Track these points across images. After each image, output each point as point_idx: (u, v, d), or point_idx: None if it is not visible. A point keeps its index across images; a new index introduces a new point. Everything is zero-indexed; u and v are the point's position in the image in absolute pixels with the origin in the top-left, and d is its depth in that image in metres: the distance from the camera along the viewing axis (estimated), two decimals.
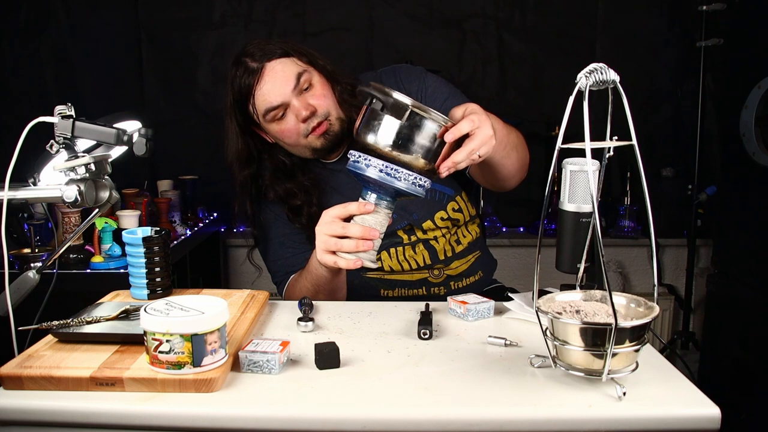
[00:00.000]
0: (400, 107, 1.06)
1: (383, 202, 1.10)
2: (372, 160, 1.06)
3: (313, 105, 1.28)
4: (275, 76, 1.26)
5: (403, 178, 1.06)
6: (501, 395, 0.82)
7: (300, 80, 1.27)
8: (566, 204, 0.96)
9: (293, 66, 1.28)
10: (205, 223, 2.48)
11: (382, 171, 1.05)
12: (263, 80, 1.27)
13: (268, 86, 1.26)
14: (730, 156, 2.15)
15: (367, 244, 1.09)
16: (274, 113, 1.28)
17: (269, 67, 1.27)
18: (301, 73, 1.28)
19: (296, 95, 1.27)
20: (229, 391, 0.83)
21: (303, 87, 1.28)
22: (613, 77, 0.78)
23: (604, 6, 2.66)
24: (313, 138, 1.31)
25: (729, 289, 2.16)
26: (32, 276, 1.04)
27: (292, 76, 1.27)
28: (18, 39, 2.47)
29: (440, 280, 1.43)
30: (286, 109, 1.28)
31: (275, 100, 1.27)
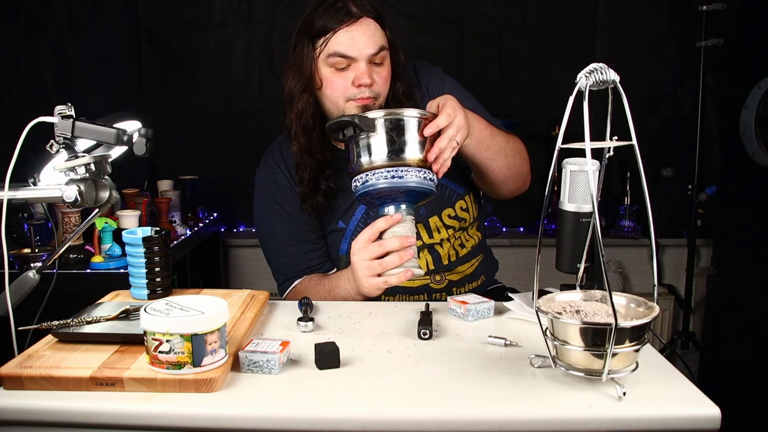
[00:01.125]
0: (369, 122, 1.11)
1: (403, 208, 1.14)
2: (375, 173, 1.10)
3: (374, 80, 1.28)
4: (365, 33, 1.25)
5: (411, 175, 1.10)
6: (501, 395, 0.82)
7: (379, 52, 1.27)
8: (566, 204, 0.96)
9: (382, 37, 1.29)
10: (205, 223, 2.49)
11: (390, 177, 1.10)
12: (353, 28, 1.25)
13: (354, 36, 1.25)
14: (730, 156, 2.15)
15: (408, 252, 1.12)
16: (339, 60, 1.26)
17: (365, 23, 1.26)
18: (384, 47, 1.28)
19: (368, 61, 1.27)
20: (229, 391, 0.83)
21: (376, 60, 1.28)
22: (613, 77, 0.78)
23: (604, 6, 2.66)
24: (352, 105, 1.28)
25: (729, 289, 2.16)
26: (32, 276, 1.04)
27: (376, 44, 1.27)
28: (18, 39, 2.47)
29: (442, 286, 1.42)
30: (351, 65, 1.27)
31: (351, 52, 1.25)
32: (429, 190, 1.13)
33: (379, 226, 1.14)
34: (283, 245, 1.42)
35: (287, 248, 1.42)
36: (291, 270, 1.42)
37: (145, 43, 2.66)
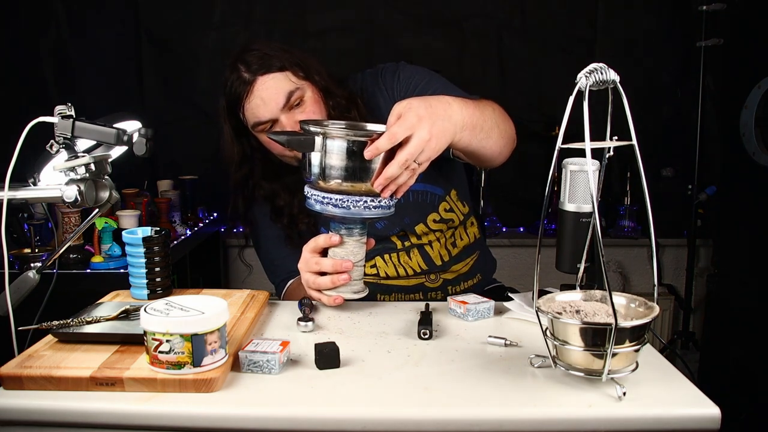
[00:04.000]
0: (308, 142, 1.01)
1: (352, 230, 1.10)
2: (327, 197, 1.04)
3: None
4: (266, 92, 1.26)
5: (361, 206, 1.04)
6: (501, 395, 0.82)
7: (291, 98, 1.27)
8: (566, 204, 0.96)
9: (286, 83, 1.27)
10: (205, 223, 2.48)
11: (340, 206, 1.03)
12: (253, 94, 1.26)
13: (257, 101, 1.26)
14: (730, 156, 2.15)
15: (341, 277, 1.10)
16: (263, 127, 1.29)
17: (260, 82, 1.26)
18: (292, 91, 1.27)
19: (285, 112, 1.27)
20: (229, 391, 0.83)
21: (293, 104, 1.28)
22: (613, 77, 0.78)
23: (604, 6, 2.65)
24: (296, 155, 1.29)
25: (729, 289, 2.16)
26: (32, 276, 1.04)
27: (282, 94, 1.26)
28: (18, 39, 2.47)
29: (437, 285, 1.42)
30: (274, 123, 1.28)
31: (263, 116, 1.27)
32: (383, 215, 1.07)
33: (320, 242, 1.12)
34: (276, 247, 1.44)
35: (280, 250, 1.43)
36: (284, 271, 1.43)
37: (145, 43, 2.66)
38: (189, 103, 2.69)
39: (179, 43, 2.66)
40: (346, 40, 2.65)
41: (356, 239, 1.11)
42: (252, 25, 2.65)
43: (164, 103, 2.69)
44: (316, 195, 1.05)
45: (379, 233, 1.38)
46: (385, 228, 1.38)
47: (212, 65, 2.67)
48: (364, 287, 1.15)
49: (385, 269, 1.41)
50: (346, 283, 1.11)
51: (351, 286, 1.12)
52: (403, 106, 0.98)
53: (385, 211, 1.06)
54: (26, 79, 2.52)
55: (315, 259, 1.12)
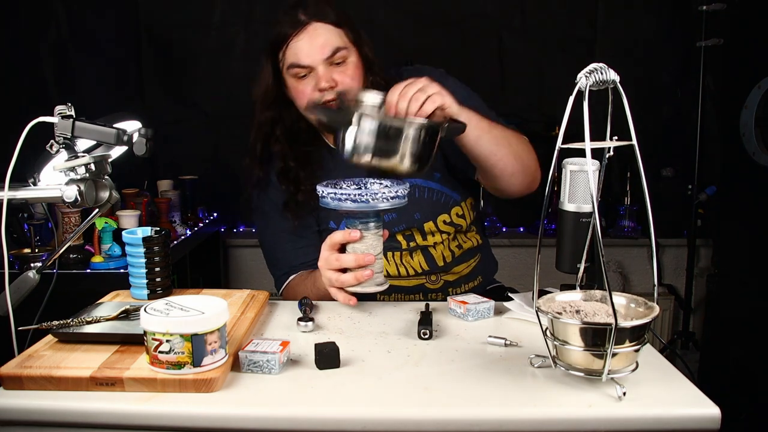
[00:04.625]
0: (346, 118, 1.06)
1: (369, 224, 1.11)
2: (342, 193, 1.06)
3: (337, 80, 1.28)
4: (315, 38, 1.26)
5: (380, 197, 1.06)
6: (501, 395, 0.82)
7: (336, 53, 1.27)
8: (566, 204, 0.96)
9: (336, 37, 1.28)
10: (205, 223, 2.48)
11: (356, 200, 1.06)
12: (302, 36, 1.27)
13: (304, 44, 1.27)
14: (730, 156, 2.15)
15: (365, 273, 1.10)
16: (298, 71, 1.29)
17: (313, 27, 1.27)
18: (340, 47, 1.28)
19: (325, 65, 1.27)
20: (229, 391, 0.83)
21: (336, 60, 1.28)
22: (613, 77, 0.78)
23: (604, 6, 2.65)
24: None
25: (729, 289, 2.16)
26: (32, 276, 1.04)
27: (330, 46, 1.27)
28: (18, 39, 2.47)
29: (438, 286, 1.42)
30: (311, 72, 1.28)
31: (304, 60, 1.27)
32: (397, 205, 1.09)
33: (337, 239, 1.12)
34: (279, 241, 1.43)
35: (282, 244, 1.42)
36: (285, 266, 1.42)
37: (145, 43, 2.66)
38: (189, 103, 2.69)
39: (179, 43, 2.66)
40: None
41: (374, 232, 1.11)
42: (252, 25, 2.65)
43: (164, 103, 2.69)
44: (331, 193, 1.07)
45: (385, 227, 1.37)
46: (392, 222, 1.38)
47: (212, 65, 2.67)
48: (385, 279, 1.15)
49: (387, 268, 1.41)
50: (368, 277, 1.10)
51: (373, 278, 1.11)
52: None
53: (401, 201, 1.08)
54: (26, 79, 2.51)
55: (335, 256, 1.11)
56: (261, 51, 1.36)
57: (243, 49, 2.66)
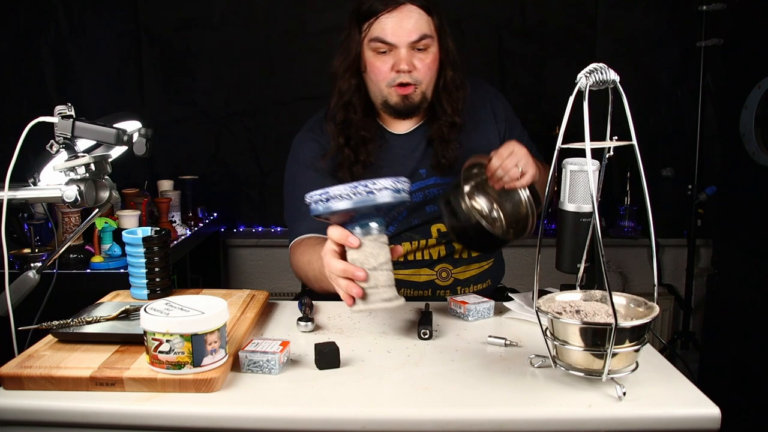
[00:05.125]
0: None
1: (367, 227, 0.94)
2: (333, 190, 0.91)
3: (415, 66, 1.29)
4: (405, 20, 1.27)
5: (379, 188, 0.90)
6: (501, 395, 0.82)
7: (421, 40, 1.28)
8: (566, 204, 0.96)
9: (425, 24, 1.29)
10: (205, 223, 2.48)
11: (353, 195, 0.90)
12: (394, 15, 1.27)
13: (394, 22, 1.27)
14: (730, 156, 2.15)
15: (352, 289, 0.94)
16: (380, 46, 1.29)
17: (408, 9, 1.27)
18: (427, 35, 1.29)
19: (409, 48, 1.28)
20: (229, 391, 0.83)
21: (419, 46, 1.29)
22: (613, 77, 0.78)
23: (604, 6, 2.65)
24: (394, 92, 1.32)
25: (729, 289, 2.16)
26: (32, 276, 1.04)
27: (418, 30, 1.27)
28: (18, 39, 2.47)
29: (448, 283, 1.42)
30: (392, 50, 1.29)
31: (390, 37, 1.28)
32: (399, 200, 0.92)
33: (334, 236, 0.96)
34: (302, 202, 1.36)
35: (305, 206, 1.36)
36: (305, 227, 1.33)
37: (145, 43, 2.66)
38: (189, 103, 2.70)
39: (179, 43, 2.66)
40: None
41: (373, 237, 0.94)
42: (252, 25, 2.65)
43: (164, 103, 2.69)
44: (316, 195, 0.92)
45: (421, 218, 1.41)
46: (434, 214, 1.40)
47: (212, 65, 2.67)
48: (396, 295, 0.96)
49: (408, 248, 1.40)
50: (360, 294, 0.94)
51: (379, 293, 0.93)
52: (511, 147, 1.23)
53: (399, 195, 0.92)
54: (26, 79, 2.51)
55: (333, 260, 0.96)
56: (348, 18, 1.36)
57: (243, 49, 2.66)
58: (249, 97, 2.70)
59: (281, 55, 2.67)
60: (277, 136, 2.70)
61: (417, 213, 1.40)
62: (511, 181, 1.24)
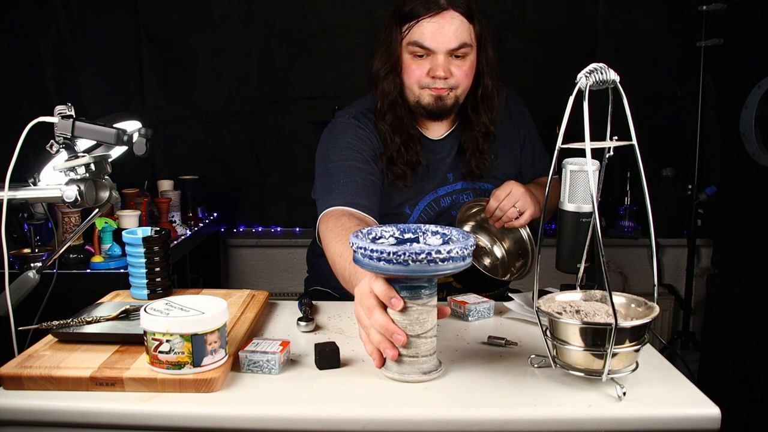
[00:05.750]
0: None
1: (418, 291, 0.84)
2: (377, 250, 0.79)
3: (451, 72, 1.29)
4: (447, 26, 1.26)
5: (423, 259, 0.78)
6: (501, 395, 0.82)
7: (461, 47, 1.28)
8: (566, 204, 0.96)
9: (466, 33, 1.28)
10: (205, 223, 2.48)
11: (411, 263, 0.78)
12: (435, 21, 1.26)
13: (435, 27, 1.26)
14: (730, 156, 2.15)
15: (388, 351, 0.84)
16: (418, 50, 1.28)
17: (451, 15, 1.26)
18: (466, 43, 1.28)
19: (447, 54, 1.28)
20: (229, 391, 0.83)
21: (458, 54, 1.29)
22: (613, 77, 0.78)
23: (604, 6, 2.65)
24: (426, 93, 1.31)
25: (729, 289, 2.16)
26: (32, 276, 1.04)
27: (459, 38, 1.27)
28: (18, 39, 2.47)
29: (461, 287, 1.42)
30: (429, 55, 1.28)
31: (430, 43, 1.27)
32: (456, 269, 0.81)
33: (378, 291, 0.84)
34: (350, 172, 1.30)
35: (353, 176, 1.29)
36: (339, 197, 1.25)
37: (145, 43, 2.66)
38: (189, 103, 2.70)
39: (179, 43, 2.66)
40: (346, 40, 2.65)
41: (422, 302, 0.84)
42: (252, 25, 2.65)
43: (164, 103, 2.69)
44: (363, 249, 0.81)
45: None
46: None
47: (212, 65, 2.67)
48: (437, 366, 0.88)
49: None
50: (394, 358, 0.85)
51: (418, 364, 0.85)
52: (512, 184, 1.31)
53: (463, 263, 0.82)
54: (26, 79, 2.52)
55: (371, 305, 0.85)
56: (388, 17, 1.36)
57: (243, 49, 2.66)
58: (249, 97, 2.70)
59: (281, 55, 2.67)
60: (277, 136, 2.71)
61: (443, 217, 1.41)
62: (509, 221, 1.31)
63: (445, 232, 0.90)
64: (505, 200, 1.29)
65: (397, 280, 0.84)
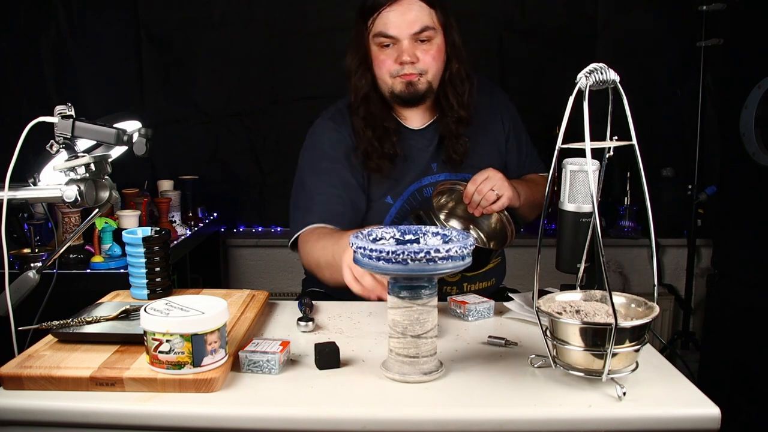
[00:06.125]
0: None
1: (418, 291, 0.85)
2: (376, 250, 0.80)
3: (418, 57, 1.32)
4: (406, 13, 1.30)
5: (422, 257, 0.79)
6: (501, 395, 0.82)
7: (423, 32, 1.31)
8: (566, 204, 0.96)
9: (427, 16, 1.32)
10: (205, 223, 2.48)
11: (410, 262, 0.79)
12: (394, 7, 1.30)
13: (395, 15, 1.30)
14: (730, 156, 2.15)
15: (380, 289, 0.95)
16: (383, 40, 1.32)
17: (408, 2, 1.30)
18: (429, 26, 1.32)
19: (411, 40, 1.31)
20: (229, 391, 0.83)
21: (421, 38, 1.32)
22: (613, 77, 0.79)
23: (604, 6, 2.65)
24: (398, 81, 1.34)
25: (729, 289, 2.16)
26: (32, 276, 1.04)
27: (419, 23, 1.31)
28: (18, 39, 2.47)
29: (455, 280, 1.43)
30: (395, 44, 1.32)
31: (392, 31, 1.31)
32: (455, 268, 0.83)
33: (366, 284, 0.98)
34: (327, 183, 1.37)
35: (330, 187, 1.36)
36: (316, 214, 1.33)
37: (145, 43, 2.65)
38: (189, 103, 2.69)
39: (179, 43, 2.66)
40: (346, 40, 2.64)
41: (423, 303, 0.85)
42: (252, 25, 2.64)
43: (164, 103, 2.69)
44: (363, 249, 0.82)
45: None
46: None
47: (212, 65, 2.67)
48: (438, 366, 0.88)
49: None
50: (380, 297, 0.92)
51: (419, 364, 0.86)
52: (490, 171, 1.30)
53: (463, 263, 0.83)
54: (26, 79, 2.51)
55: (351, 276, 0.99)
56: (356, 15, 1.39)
57: (243, 49, 2.66)
58: (249, 97, 2.70)
59: (281, 55, 2.66)
60: (277, 136, 2.70)
61: (427, 207, 1.41)
62: (488, 204, 1.29)
63: (445, 233, 0.91)
64: (483, 184, 1.28)
65: (397, 280, 0.85)
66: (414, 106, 1.41)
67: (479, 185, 1.28)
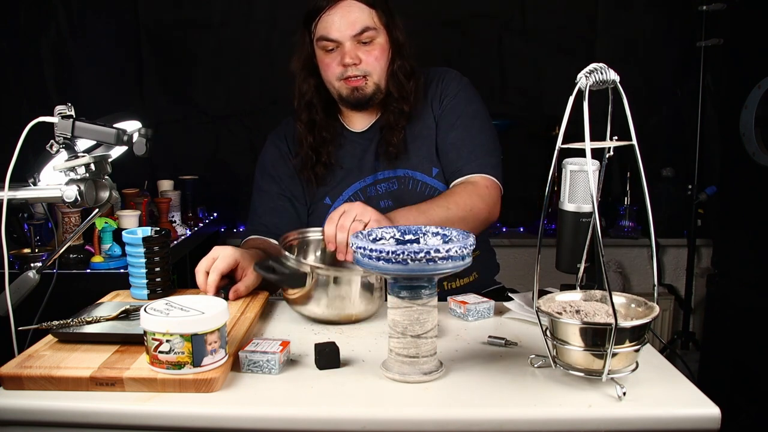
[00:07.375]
0: (297, 279, 1.09)
1: (418, 291, 0.85)
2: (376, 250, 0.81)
3: (361, 58, 1.33)
4: (345, 16, 1.32)
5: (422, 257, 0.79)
6: (501, 395, 0.82)
7: (364, 33, 1.32)
8: (566, 204, 0.96)
9: (367, 17, 1.33)
10: (205, 223, 2.48)
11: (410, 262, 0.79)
12: (333, 11, 1.32)
13: (335, 18, 1.32)
14: (730, 156, 2.15)
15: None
16: (326, 44, 1.34)
17: (347, 4, 1.32)
18: (369, 27, 1.33)
19: (353, 41, 1.32)
20: (229, 391, 0.83)
21: (363, 39, 1.33)
22: (613, 77, 0.79)
23: (604, 6, 2.65)
24: (343, 85, 1.36)
25: (729, 289, 2.16)
26: (32, 276, 1.04)
27: (359, 24, 1.32)
28: (18, 39, 2.47)
29: None
30: (338, 47, 1.34)
31: (333, 34, 1.32)
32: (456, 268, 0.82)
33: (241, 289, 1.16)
34: (266, 201, 1.47)
35: (267, 204, 1.46)
36: (256, 223, 1.46)
37: (145, 43, 2.66)
38: (189, 103, 2.70)
39: (179, 43, 2.66)
40: None
41: (422, 302, 0.86)
42: (252, 25, 2.65)
43: (164, 103, 2.69)
44: (363, 248, 0.82)
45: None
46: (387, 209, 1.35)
47: (212, 65, 2.67)
48: (438, 366, 0.88)
49: None
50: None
51: (419, 365, 0.86)
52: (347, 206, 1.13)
53: (463, 263, 0.83)
54: (26, 79, 2.52)
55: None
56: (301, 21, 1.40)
57: (243, 49, 2.66)
58: (249, 97, 2.70)
59: (281, 55, 2.66)
60: None
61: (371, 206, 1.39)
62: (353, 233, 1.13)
63: (446, 233, 0.91)
64: (342, 219, 1.09)
65: (397, 280, 0.85)
66: (363, 109, 1.43)
67: (339, 221, 1.09)
